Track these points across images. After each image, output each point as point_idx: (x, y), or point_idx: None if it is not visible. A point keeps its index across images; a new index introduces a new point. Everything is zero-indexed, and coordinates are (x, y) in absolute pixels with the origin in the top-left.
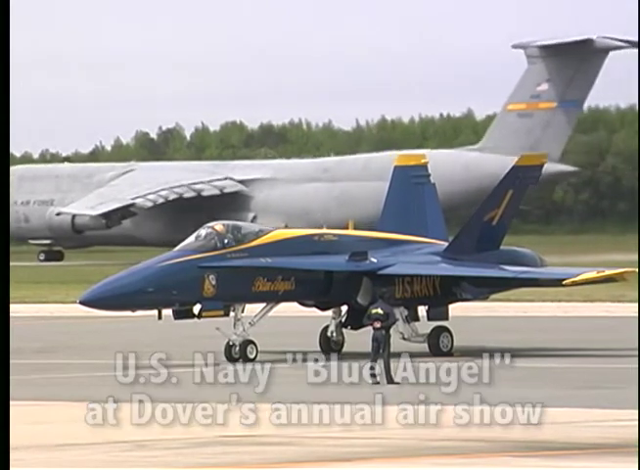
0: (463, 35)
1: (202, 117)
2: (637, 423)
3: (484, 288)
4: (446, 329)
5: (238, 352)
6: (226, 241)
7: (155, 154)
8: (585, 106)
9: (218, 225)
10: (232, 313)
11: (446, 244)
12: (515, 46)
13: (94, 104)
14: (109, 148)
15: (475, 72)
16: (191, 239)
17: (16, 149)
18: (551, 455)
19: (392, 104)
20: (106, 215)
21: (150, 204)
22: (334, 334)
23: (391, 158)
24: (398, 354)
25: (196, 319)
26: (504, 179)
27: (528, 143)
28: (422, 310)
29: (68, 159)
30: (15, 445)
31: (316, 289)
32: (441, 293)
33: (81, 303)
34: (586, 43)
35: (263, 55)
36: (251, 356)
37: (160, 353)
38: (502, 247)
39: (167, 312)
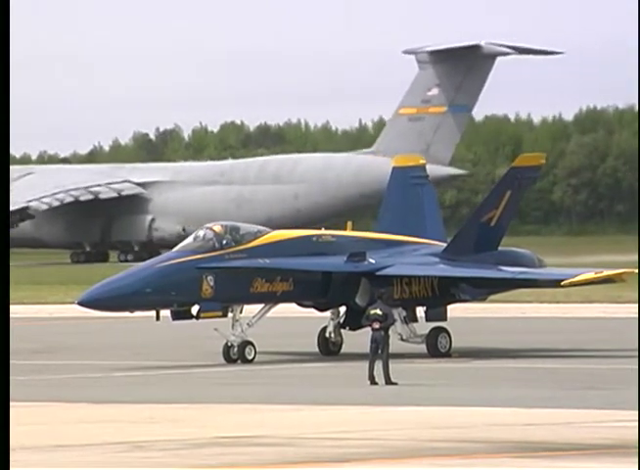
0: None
1: (200, 117)
2: (636, 423)
3: (483, 289)
4: (444, 330)
5: (236, 353)
6: (224, 242)
7: (153, 154)
8: (583, 106)
9: (217, 226)
10: (230, 314)
11: (445, 245)
12: (405, 51)
13: (93, 104)
14: (107, 149)
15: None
16: (189, 240)
17: (14, 150)
18: (549, 456)
19: (391, 105)
20: None
21: (45, 207)
22: (332, 335)
23: (285, 161)
24: (397, 355)
25: (194, 320)
26: (502, 180)
27: (419, 146)
28: (420, 311)
29: (66, 160)
30: (13, 445)
31: (314, 290)
32: (440, 294)
33: (80, 303)
34: (474, 49)
35: (262, 56)
36: (250, 357)
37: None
38: (500, 247)
39: (166, 313)
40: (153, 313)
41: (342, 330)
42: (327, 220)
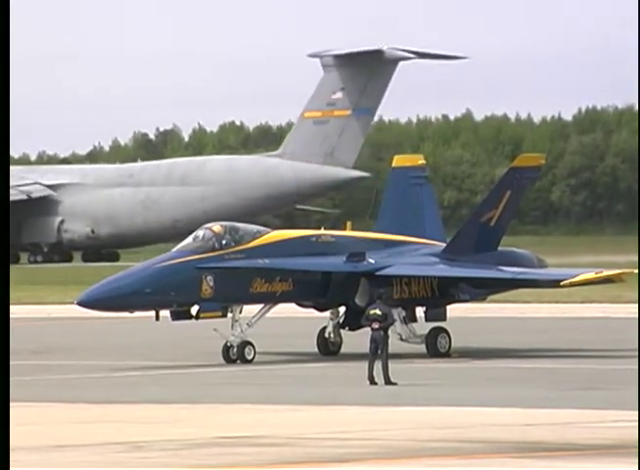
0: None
1: (200, 117)
2: (636, 423)
3: (482, 289)
4: (444, 330)
5: (235, 354)
6: (224, 242)
7: (153, 154)
8: (582, 106)
9: (216, 226)
10: (230, 314)
11: (444, 245)
12: (311, 55)
13: (93, 104)
14: (107, 149)
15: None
16: (189, 240)
17: (14, 150)
18: (548, 456)
19: (390, 105)
20: None
21: None
22: (332, 335)
23: (192, 163)
24: (397, 355)
25: (193, 320)
26: (502, 180)
27: (324, 149)
28: (420, 311)
29: (66, 160)
30: (13, 445)
31: (314, 290)
32: (439, 294)
33: (79, 303)
34: (377, 53)
35: (261, 56)
36: (249, 358)
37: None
38: (500, 248)
39: (165, 313)
40: (152, 313)
41: (342, 330)
42: (233, 222)
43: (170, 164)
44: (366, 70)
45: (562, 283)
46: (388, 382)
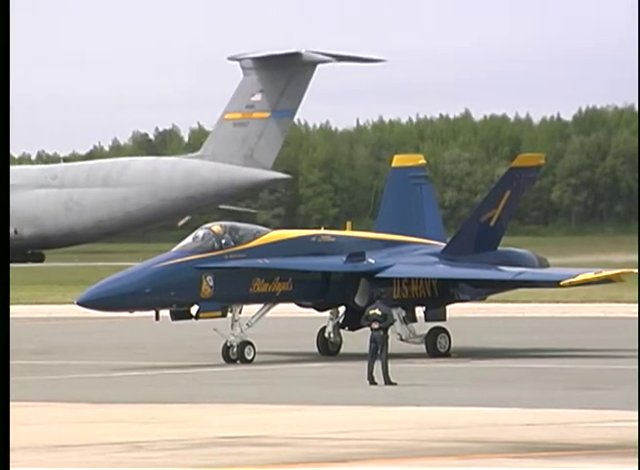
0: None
1: (199, 117)
2: (636, 423)
3: (482, 289)
4: (444, 330)
5: (235, 354)
6: (224, 242)
7: (152, 155)
8: (582, 106)
9: (216, 226)
10: (230, 314)
11: (444, 245)
12: (230, 58)
13: (93, 104)
14: (107, 149)
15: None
16: (189, 240)
17: (13, 150)
18: (549, 456)
19: (390, 105)
20: None
21: None
22: (331, 335)
23: (114, 164)
24: (396, 355)
25: (193, 320)
26: (502, 180)
27: (243, 151)
28: (419, 311)
29: (66, 160)
30: (13, 445)
31: (314, 290)
32: (439, 294)
33: (79, 303)
34: (295, 56)
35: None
36: (249, 357)
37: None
38: (500, 247)
39: (165, 313)
40: (152, 313)
41: (342, 330)
42: (156, 223)
43: (93, 165)
44: (285, 73)
45: (562, 283)
46: (387, 382)
